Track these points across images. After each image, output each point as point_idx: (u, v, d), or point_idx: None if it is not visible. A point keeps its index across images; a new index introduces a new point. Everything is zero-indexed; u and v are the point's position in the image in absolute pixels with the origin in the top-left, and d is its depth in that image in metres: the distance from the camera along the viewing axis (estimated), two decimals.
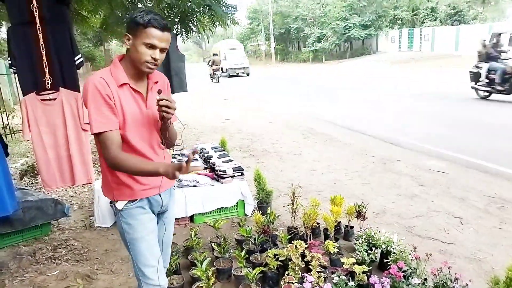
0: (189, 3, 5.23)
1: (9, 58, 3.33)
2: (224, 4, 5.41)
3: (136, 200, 1.83)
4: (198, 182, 4.03)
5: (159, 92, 1.73)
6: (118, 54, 1.85)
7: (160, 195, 1.91)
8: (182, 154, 4.80)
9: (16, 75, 3.40)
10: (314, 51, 36.47)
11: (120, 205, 1.83)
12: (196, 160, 4.72)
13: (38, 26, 3.13)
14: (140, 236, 1.84)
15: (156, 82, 1.88)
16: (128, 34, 1.71)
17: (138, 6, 5.64)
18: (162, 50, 1.72)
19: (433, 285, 2.42)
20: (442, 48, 27.15)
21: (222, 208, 3.99)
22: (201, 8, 5.31)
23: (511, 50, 12.88)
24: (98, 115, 1.67)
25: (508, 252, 3.17)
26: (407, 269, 2.55)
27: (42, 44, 3.16)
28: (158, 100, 1.68)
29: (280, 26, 41.79)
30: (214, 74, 22.69)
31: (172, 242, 2.30)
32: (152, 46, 1.67)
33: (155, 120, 1.83)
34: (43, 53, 3.18)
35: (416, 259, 2.58)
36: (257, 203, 4.08)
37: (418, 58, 26.02)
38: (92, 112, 1.67)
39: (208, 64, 24.08)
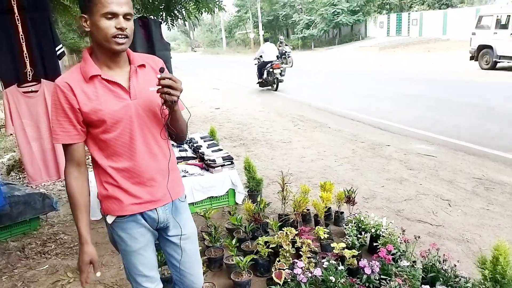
0: None
1: None
2: None
3: (126, 216, 1.58)
4: (187, 172, 4.00)
5: (161, 70, 1.45)
6: (86, 47, 1.56)
7: (156, 211, 1.62)
8: None
9: None
10: (303, 38, 36.22)
11: (110, 219, 1.60)
12: (183, 147, 4.69)
13: (17, 15, 3.04)
14: (131, 250, 1.63)
15: (142, 66, 1.58)
16: (83, 15, 1.44)
17: None
18: (126, 17, 1.42)
19: (422, 267, 2.44)
20: (430, 32, 27.18)
21: (212, 197, 3.97)
22: None
23: (498, 32, 13.00)
24: (56, 126, 1.48)
25: (496, 232, 3.22)
26: (396, 252, 2.57)
27: (21, 34, 3.07)
28: (159, 79, 1.40)
29: (268, 13, 41.40)
30: None
31: None
32: (112, 15, 1.39)
33: (149, 111, 1.54)
34: (23, 44, 3.09)
35: (405, 241, 2.61)
36: (248, 191, 4.08)
37: (407, 43, 26.04)
38: (52, 120, 1.50)
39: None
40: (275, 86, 12.14)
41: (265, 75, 12.13)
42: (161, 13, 5.30)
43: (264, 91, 12.81)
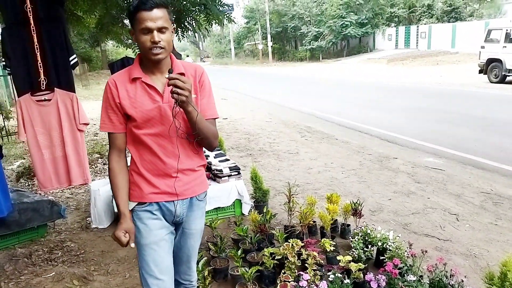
0: (184, 2, 5.21)
1: (3, 59, 3.32)
2: (219, 3, 5.39)
3: (145, 203, 1.73)
4: None
5: (170, 71, 1.55)
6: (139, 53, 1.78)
7: (174, 204, 1.75)
8: None
9: (11, 76, 3.39)
10: (311, 49, 36.40)
11: (130, 205, 1.75)
12: None
13: (33, 26, 3.12)
14: (145, 243, 1.73)
15: (182, 74, 1.71)
16: (131, 30, 1.66)
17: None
18: (160, 30, 1.57)
19: (428, 282, 2.42)
20: (438, 45, 27.18)
21: (218, 207, 3.98)
22: (197, 7, 5.29)
23: (507, 46, 12.96)
24: (104, 115, 1.72)
25: (504, 248, 3.18)
26: (403, 266, 2.55)
27: (36, 45, 3.14)
28: (168, 79, 1.52)
29: (277, 25, 41.72)
30: None
31: None
32: (147, 30, 1.56)
33: (178, 115, 1.66)
34: (38, 54, 3.16)
35: (412, 256, 2.59)
36: (254, 202, 4.08)
37: (415, 55, 26.05)
38: (102, 111, 1.73)
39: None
40: None
41: None
42: (171, 24, 5.38)
43: (271, 103, 12.87)
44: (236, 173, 4.09)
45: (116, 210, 3.78)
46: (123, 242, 1.67)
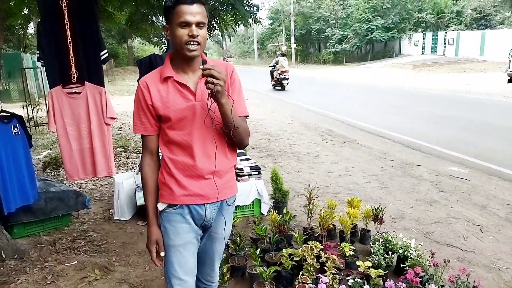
0: (213, 2, 5.27)
1: (38, 52, 3.43)
2: (247, 3, 5.42)
3: (176, 205, 1.71)
4: None
5: (203, 62, 1.52)
6: (170, 52, 1.77)
7: (204, 207, 1.72)
8: None
9: (44, 68, 3.50)
10: (335, 52, 36.13)
11: (160, 206, 1.74)
12: None
13: (67, 21, 3.21)
14: (172, 245, 1.73)
15: None
16: (166, 25, 1.64)
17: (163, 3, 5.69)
18: (199, 25, 1.57)
19: None
20: (466, 52, 26.55)
21: (238, 206, 4.00)
22: (225, 7, 5.34)
23: None
24: (136, 118, 1.73)
25: None
26: (424, 275, 2.51)
27: (69, 38, 3.23)
28: (202, 70, 1.49)
29: (301, 27, 41.59)
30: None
31: None
32: (186, 24, 1.55)
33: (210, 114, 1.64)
34: (70, 47, 3.25)
35: (433, 265, 2.54)
36: (273, 202, 4.09)
37: (442, 62, 25.50)
38: (134, 114, 1.75)
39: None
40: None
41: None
42: None
43: (292, 105, 12.84)
44: (257, 172, 4.10)
45: (138, 203, 3.88)
46: (155, 256, 1.75)
